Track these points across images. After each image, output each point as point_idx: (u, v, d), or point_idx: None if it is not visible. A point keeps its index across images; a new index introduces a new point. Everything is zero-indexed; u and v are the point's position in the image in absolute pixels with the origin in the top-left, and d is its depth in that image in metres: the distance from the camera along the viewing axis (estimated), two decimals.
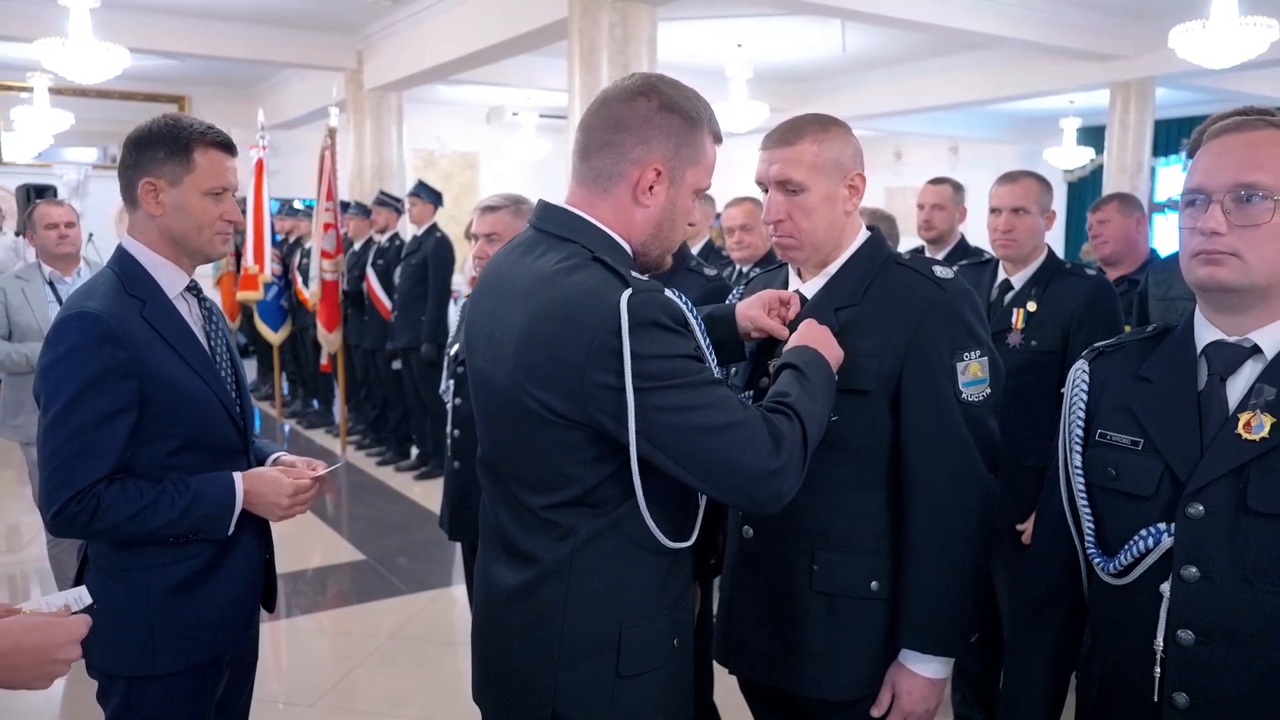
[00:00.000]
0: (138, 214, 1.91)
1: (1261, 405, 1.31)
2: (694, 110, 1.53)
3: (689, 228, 1.64)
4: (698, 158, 1.54)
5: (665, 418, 1.38)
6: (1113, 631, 1.43)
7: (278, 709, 3.50)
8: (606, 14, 6.52)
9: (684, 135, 1.51)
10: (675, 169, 1.51)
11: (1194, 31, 6.40)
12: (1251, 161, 1.30)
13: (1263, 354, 1.35)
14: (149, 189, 1.87)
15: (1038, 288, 3.03)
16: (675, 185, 1.52)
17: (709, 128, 1.55)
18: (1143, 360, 1.47)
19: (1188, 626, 1.32)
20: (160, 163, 1.87)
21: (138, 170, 1.88)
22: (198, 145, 1.88)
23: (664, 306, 1.40)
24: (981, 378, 1.71)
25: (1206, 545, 1.31)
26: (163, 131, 1.88)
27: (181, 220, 1.88)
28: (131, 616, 1.85)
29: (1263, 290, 1.33)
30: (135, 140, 1.90)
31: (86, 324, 1.76)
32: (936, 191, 4.17)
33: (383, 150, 10.15)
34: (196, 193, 1.88)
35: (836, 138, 1.77)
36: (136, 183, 1.88)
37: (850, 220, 1.80)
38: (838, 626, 1.75)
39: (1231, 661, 1.29)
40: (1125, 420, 1.43)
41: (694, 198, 1.57)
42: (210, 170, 1.89)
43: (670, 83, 1.53)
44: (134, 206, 1.91)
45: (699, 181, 1.55)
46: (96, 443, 1.74)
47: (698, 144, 1.53)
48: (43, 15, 7.75)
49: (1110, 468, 1.42)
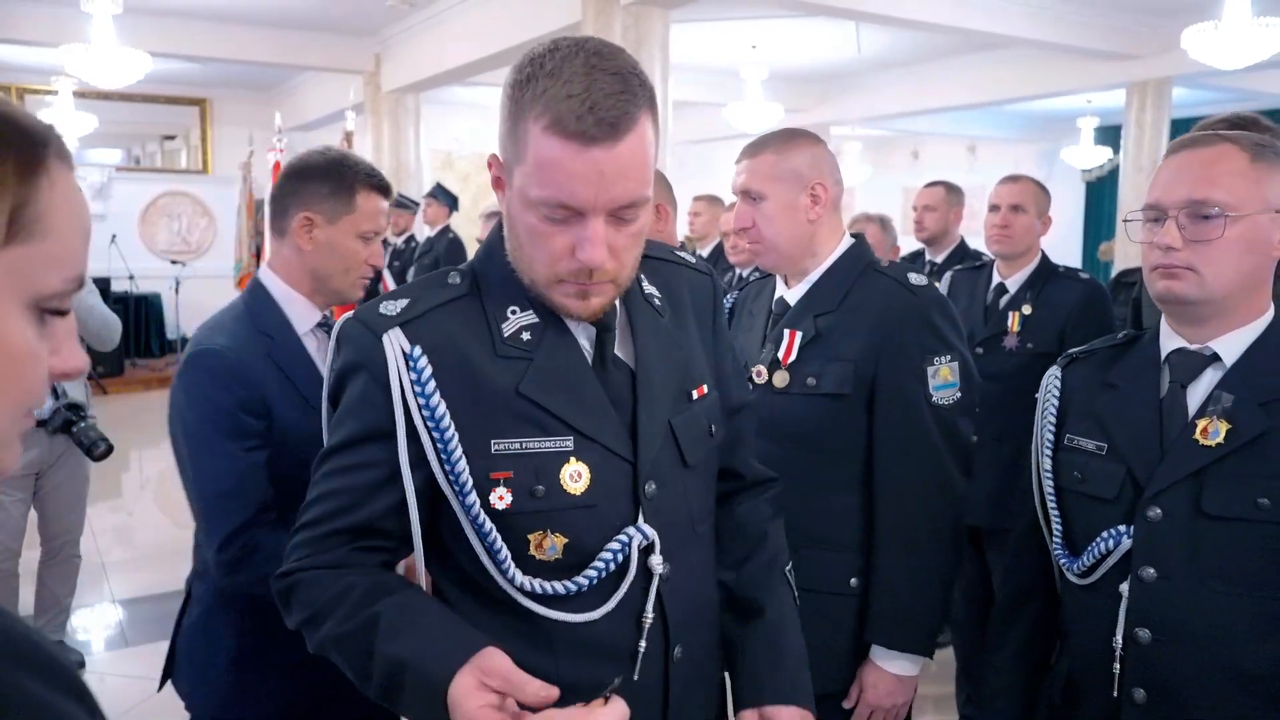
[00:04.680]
0: (283, 245, 1.83)
1: (1219, 412, 1.36)
2: (523, 79, 1.08)
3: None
4: (519, 151, 1.09)
5: None
6: (1078, 629, 1.48)
7: None
8: (619, 17, 6.59)
9: (510, 115, 1.10)
10: (508, 162, 1.14)
11: (1206, 32, 6.38)
12: (1205, 178, 1.35)
13: (1222, 362, 1.40)
14: (305, 223, 1.79)
15: (1032, 291, 3.08)
16: (508, 187, 1.15)
17: (539, 107, 1.05)
18: (1111, 367, 1.52)
19: (1145, 625, 1.37)
20: (322, 198, 1.79)
21: (296, 201, 1.80)
22: (361, 187, 1.82)
23: (359, 349, 1.17)
24: (952, 381, 1.77)
25: (1163, 547, 1.36)
26: (329, 167, 1.81)
27: (330, 259, 1.80)
28: (218, 656, 1.77)
29: (1219, 302, 1.37)
30: (298, 171, 1.83)
31: (213, 361, 1.70)
32: (928, 193, 4.23)
33: (400, 152, 10.25)
34: (352, 234, 1.81)
35: (799, 149, 1.83)
36: (292, 213, 1.80)
37: (822, 228, 1.85)
38: (817, 622, 1.80)
39: (1187, 659, 1.34)
40: (1092, 425, 1.48)
41: (539, 212, 1.09)
42: (367, 213, 1.82)
43: (558, 40, 1.10)
44: (281, 236, 1.83)
45: (524, 188, 1.10)
46: (239, 481, 1.66)
47: (517, 129, 1.09)
48: (66, 20, 7.88)
49: (1076, 471, 1.47)
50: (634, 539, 1.16)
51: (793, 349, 1.81)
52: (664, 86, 6.67)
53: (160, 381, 10.47)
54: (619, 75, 1.05)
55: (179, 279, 11.65)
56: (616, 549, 1.15)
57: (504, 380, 1.14)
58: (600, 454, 1.16)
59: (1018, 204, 3.13)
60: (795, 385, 1.81)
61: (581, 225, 1.08)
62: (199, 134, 13.17)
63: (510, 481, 1.12)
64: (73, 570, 3.70)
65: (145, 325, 11.57)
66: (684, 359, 1.27)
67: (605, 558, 1.15)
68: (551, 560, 1.14)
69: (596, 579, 1.15)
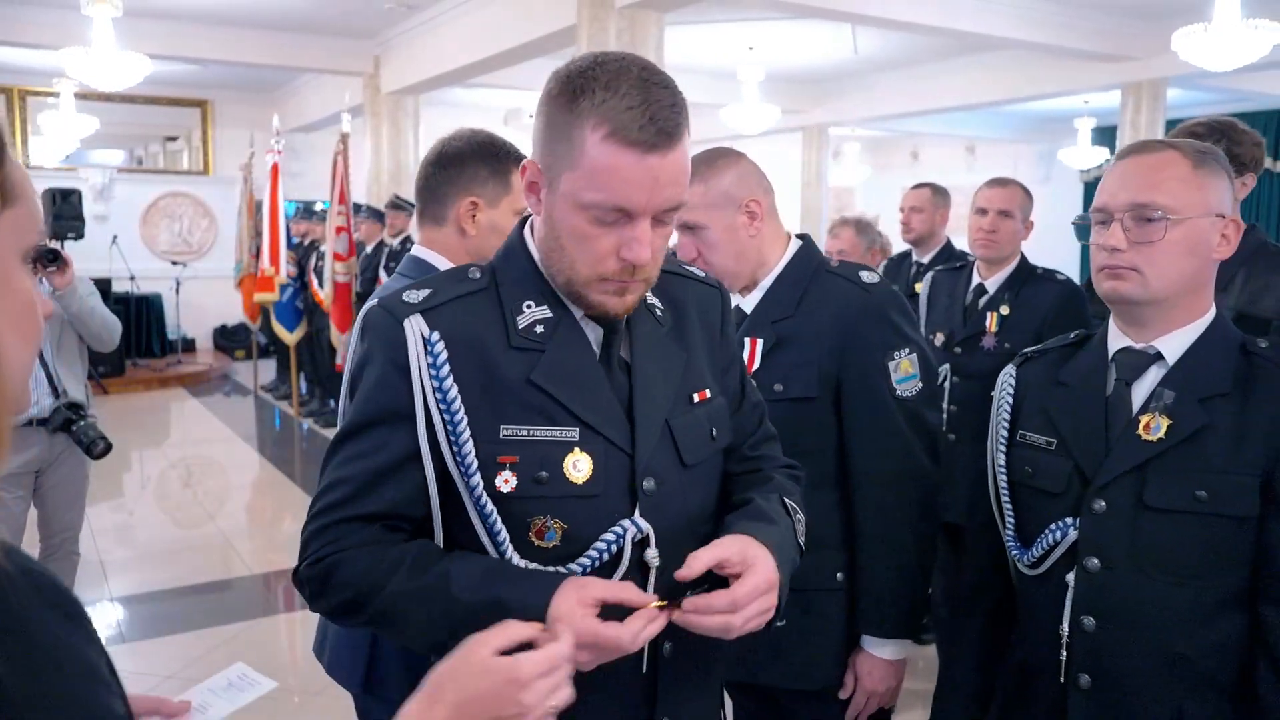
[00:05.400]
0: (440, 230, 1.86)
1: (1160, 408, 1.42)
2: (577, 90, 1.14)
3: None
4: (572, 158, 1.14)
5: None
6: (1030, 618, 1.54)
7: (293, 702, 3.62)
8: (614, 20, 6.64)
9: (558, 124, 1.16)
10: (550, 169, 1.18)
11: (1196, 34, 6.43)
12: (1149, 183, 1.41)
13: (1165, 360, 1.45)
14: (471, 208, 1.83)
15: (1010, 292, 3.13)
16: (551, 191, 1.19)
17: (597, 116, 1.12)
18: (1063, 366, 1.58)
19: (1090, 613, 1.43)
20: (483, 181, 1.84)
21: (457, 188, 1.83)
22: (513, 167, 1.86)
23: (383, 334, 1.21)
24: (912, 373, 1.82)
25: (1107, 538, 1.41)
26: (485, 151, 1.85)
27: (494, 241, 1.74)
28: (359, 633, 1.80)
29: (1162, 302, 1.43)
30: (454, 156, 1.85)
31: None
32: (915, 195, 4.28)
33: (399, 154, 10.32)
34: (510, 213, 1.86)
35: (721, 171, 1.86)
36: (455, 199, 1.83)
37: (766, 239, 1.89)
38: (809, 619, 1.86)
39: (1129, 645, 1.40)
40: (1042, 422, 1.54)
41: (590, 215, 1.16)
42: (520, 192, 1.76)
43: (592, 56, 1.18)
44: (439, 223, 1.86)
45: (578, 192, 1.15)
46: None
47: (571, 137, 1.14)
48: (67, 24, 7.96)
49: (1027, 466, 1.53)
50: (628, 531, 1.19)
51: (755, 356, 1.86)
52: None
53: (160, 381, 10.55)
54: (668, 89, 1.14)
55: (179, 280, 11.73)
56: (611, 539, 1.19)
57: (516, 370, 1.20)
58: (603, 446, 1.21)
59: (1006, 209, 3.17)
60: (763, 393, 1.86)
61: (629, 227, 1.15)
62: (200, 135, 13.25)
63: (516, 466, 1.18)
64: (72, 567, 3.76)
65: (146, 326, 11.64)
66: (681, 364, 1.32)
67: (600, 547, 1.19)
68: (549, 547, 1.19)
69: (590, 567, 1.19)
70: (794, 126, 12.96)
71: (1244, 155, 2.43)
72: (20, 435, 3.46)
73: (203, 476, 7.14)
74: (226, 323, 12.70)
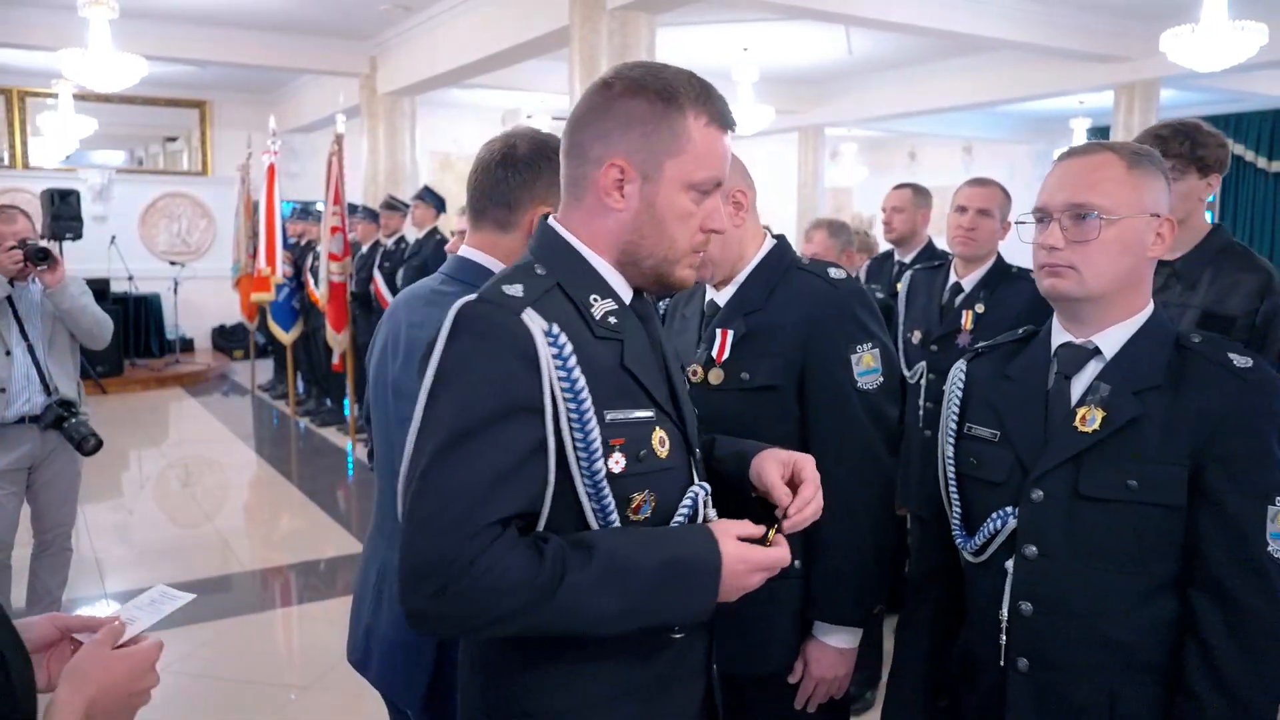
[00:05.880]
0: (508, 236, 1.77)
1: (1096, 401, 1.47)
2: (668, 90, 1.28)
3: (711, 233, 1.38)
4: (678, 145, 1.28)
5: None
6: (973, 605, 1.60)
7: (289, 698, 3.67)
8: (606, 22, 6.70)
9: (653, 121, 1.28)
10: (647, 162, 1.28)
11: (1184, 35, 6.48)
12: (1086, 183, 1.46)
13: (1103, 355, 1.50)
14: (543, 218, 1.71)
15: (986, 290, 3.18)
16: (651, 181, 1.29)
17: (697, 108, 1.29)
18: (1010, 361, 1.63)
19: (1027, 599, 1.48)
20: (558, 190, 1.72)
21: (533, 195, 1.74)
22: None
23: (503, 329, 1.21)
24: (874, 367, 1.87)
25: (1044, 526, 1.47)
26: (554, 155, 1.69)
27: None
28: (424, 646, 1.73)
29: (1099, 299, 1.48)
30: (527, 160, 1.76)
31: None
32: (896, 195, 4.33)
33: (396, 154, 10.38)
34: None
35: None
36: (528, 207, 1.75)
37: (747, 232, 1.95)
38: (765, 607, 1.90)
39: (1064, 630, 1.45)
40: (988, 415, 1.59)
41: (694, 194, 1.31)
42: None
43: (645, 65, 1.32)
44: (505, 229, 1.77)
45: (688, 174, 1.29)
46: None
47: (675, 129, 1.28)
48: (64, 25, 8.02)
49: (973, 457, 1.58)
50: (699, 495, 1.34)
51: (725, 347, 1.91)
52: None
53: (159, 381, 10.61)
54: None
55: (178, 280, 11.80)
56: (689, 505, 1.33)
57: (607, 358, 1.28)
58: (669, 423, 1.33)
59: (985, 208, 3.22)
60: (730, 381, 1.91)
61: (711, 199, 1.34)
62: (199, 136, 13.32)
63: (624, 447, 1.26)
64: (64, 562, 3.82)
65: (145, 326, 11.71)
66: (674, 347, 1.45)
67: (683, 512, 1.32)
68: (643, 520, 1.29)
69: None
70: (789, 127, 13.02)
71: (1208, 157, 2.48)
72: (12, 432, 3.53)
73: (200, 476, 7.20)
74: (225, 323, 12.77)
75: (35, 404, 3.51)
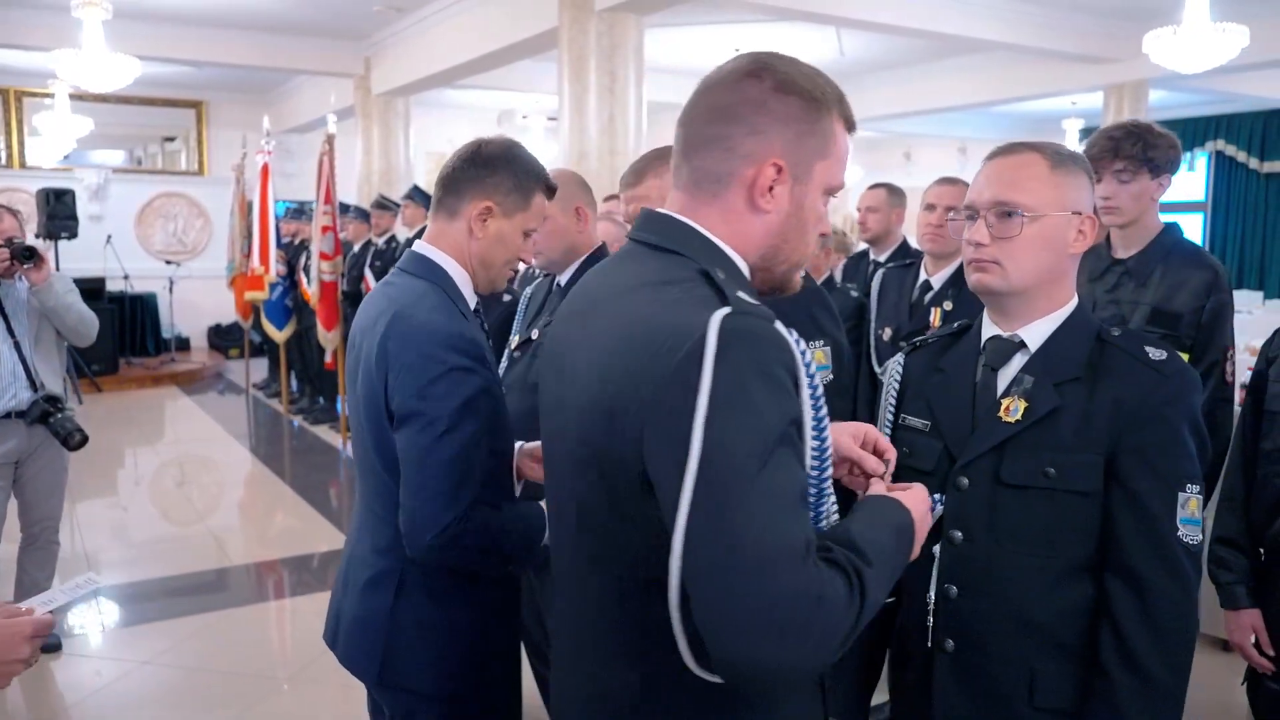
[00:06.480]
0: (453, 225, 1.84)
1: (1019, 392, 1.53)
2: (817, 90, 1.24)
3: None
4: (826, 148, 1.24)
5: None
6: (906, 588, 1.65)
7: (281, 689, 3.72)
8: (594, 23, 6.75)
9: (807, 122, 1.23)
10: (799, 163, 1.23)
11: (1166, 37, 6.53)
12: (1009, 182, 1.53)
13: (1028, 348, 1.56)
14: (485, 211, 1.82)
15: (955, 288, 3.24)
16: (801, 183, 1.24)
17: (838, 111, 1.26)
18: (944, 354, 1.69)
19: (953, 582, 1.54)
20: (506, 191, 1.83)
21: (480, 189, 1.82)
22: (539, 187, 1.87)
23: (772, 341, 1.10)
24: (825, 364, 1.94)
25: (969, 512, 1.53)
26: (517, 164, 1.85)
27: (497, 250, 1.85)
28: (449, 635, 1.80)
29: (1023, 293, 1.55)
30: (486, 159, 1.84)
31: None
32: (870, 195, 4.39)
33: (390, 154, 10.45)
34: (520, 229, 1.86)
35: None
36: (472, 198, 1.82)
37: None
38: None
39: (987, 612, 1.52)
40: (921, 406, 1.65)
41: (825, 199, 1.29)
42: (536, 213, 1.88)
43: (786, 60, 1.26)
44: (452, 217, 1.84)
45: (831, 178, 1.26)
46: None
47: (825, 131, 1.24)
48: (59, 25, 8.08)
49: (906, 447, 1.64)
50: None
51: None
52: (638, 91, 6.84)
53: (154, 379, 10.68)
54: None
55: (173, 279, 11.86)
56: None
57: None
58: None
59: (954, 206, 3.27)
60: None
61: (825, 204, 1.30)
62: (195, 136, 13.39)
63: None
64: (51, 556, 3.87)
65: (140, 325, 11.78)
66: None
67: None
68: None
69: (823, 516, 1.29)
70: None
71: (1160, 158, 2.54)
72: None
73: (194, 473, 7.26)
74: (221, 321, 12.83)
75: (21, 400, 3.57)
